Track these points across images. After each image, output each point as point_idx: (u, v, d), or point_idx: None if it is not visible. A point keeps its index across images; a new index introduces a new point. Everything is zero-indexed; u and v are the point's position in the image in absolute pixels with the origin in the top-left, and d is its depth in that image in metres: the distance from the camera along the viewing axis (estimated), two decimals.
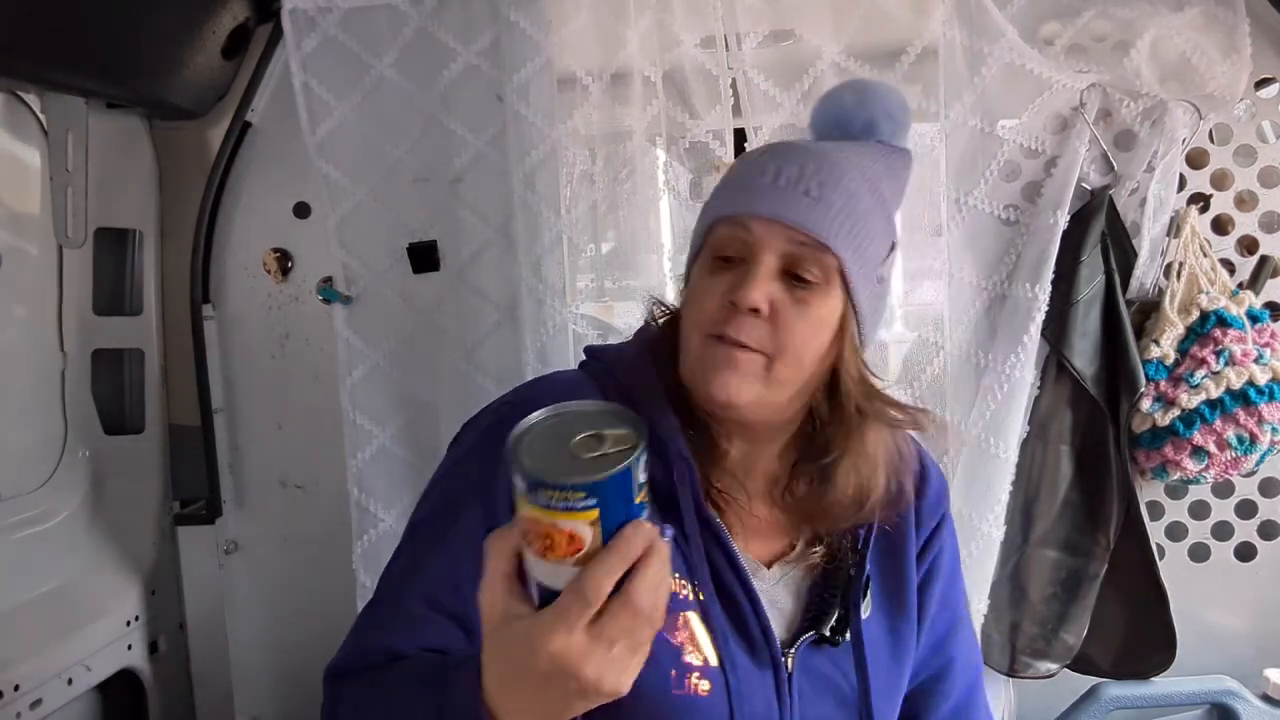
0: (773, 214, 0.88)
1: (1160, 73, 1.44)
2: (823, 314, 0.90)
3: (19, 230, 1.58)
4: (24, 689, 1.36)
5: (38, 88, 1.50)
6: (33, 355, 1.61)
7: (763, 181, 0.89)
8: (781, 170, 0.89)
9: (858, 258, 0.90)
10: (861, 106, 0.97)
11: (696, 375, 0.90)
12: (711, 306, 0.89)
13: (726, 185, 0.94)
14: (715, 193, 0.95)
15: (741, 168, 0.94)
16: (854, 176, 0.91)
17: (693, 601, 0.90)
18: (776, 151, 0.92)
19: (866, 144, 0.97)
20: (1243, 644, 1.60)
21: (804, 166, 0.89)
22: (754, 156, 0.94)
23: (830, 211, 0.88)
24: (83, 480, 1.65)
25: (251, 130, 1.68)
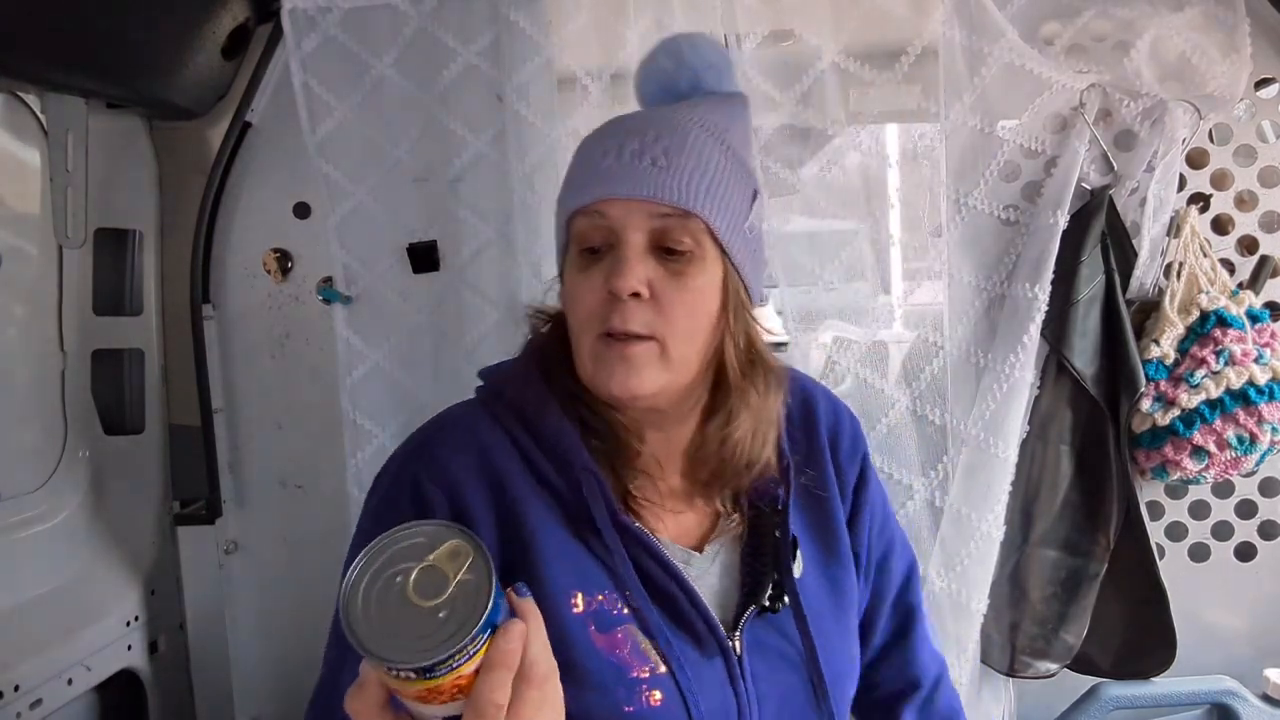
0: (627, 193, 0.86)
1: (1160, 73, 1.44)
2: (703, 282, 0.89)
3: (19, 230, 1.58)
4: (24, 689, 1.36)
5: (38, 88, 1.50)
6: (33, 355, 1.61)
7: (606, 163, 0.87)
8: (624, 146, 0.87)
9: (723, 214, 0.88)
10: (681, 65, 0.97)
11: (595, 376, 0.89)
12: (592, 302, 0.88)
13: (574, 175, 0.92)
14: (565, 184, 0.93)
15: (584, 153, 0.92)
16: (698, 134, 0.89)
17: (627, 614, 0.89)
18: (614, 128, 0.91)
19: (704, 99, 0.95)
20: (1242, 644, 1.60)
21: (644, 137, 0.87)
22: (593, 139, 0.92)
23: (683, 176, 0.86)
24: (83, 480, 1.65)
25: (251, 130, 1.68)
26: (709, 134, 0.90)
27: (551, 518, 0.90)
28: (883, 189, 1.56)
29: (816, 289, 1.56)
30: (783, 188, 1.53)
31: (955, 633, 1.51)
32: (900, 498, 1.53)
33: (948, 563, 1.50)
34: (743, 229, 0.91)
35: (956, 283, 1.53)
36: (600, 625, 0.88)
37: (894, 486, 1.54)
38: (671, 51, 0.98)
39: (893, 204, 1.56)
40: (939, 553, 1.51)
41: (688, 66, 0.96)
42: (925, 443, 1.54)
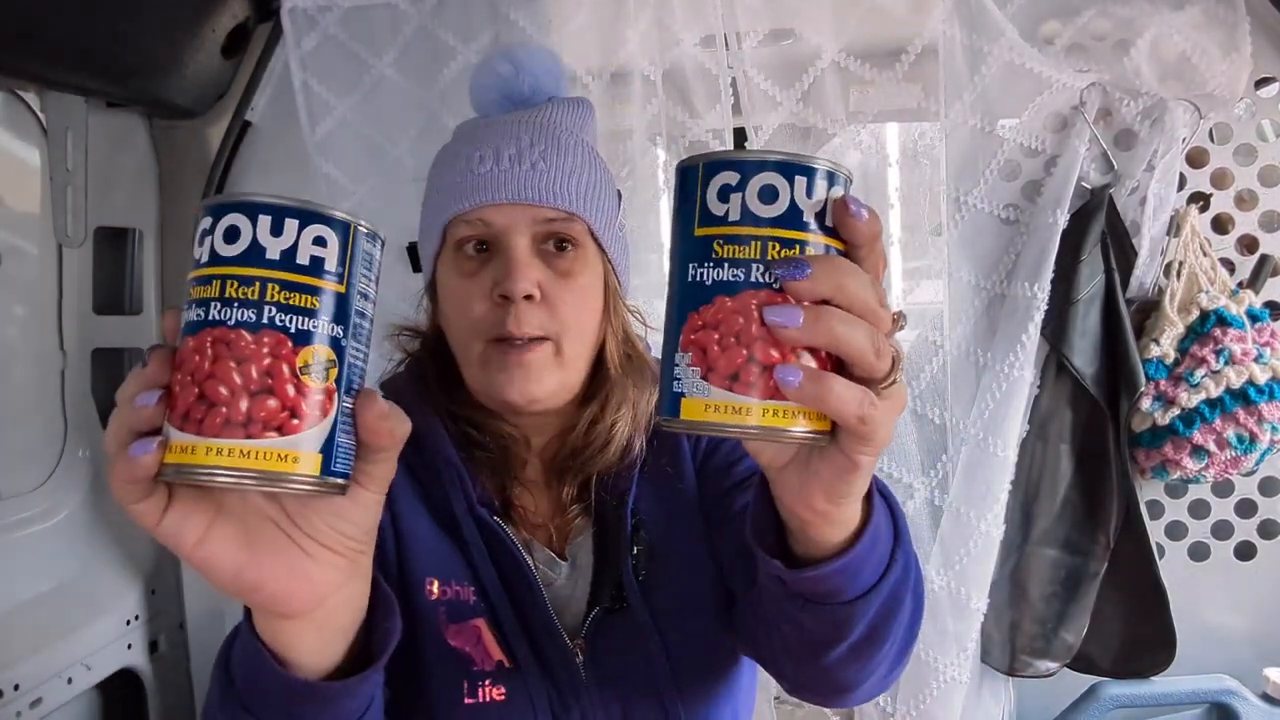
0: (513, 198, 0.86)
1: (1160, 72, 1.44)
2: (588, 280, 0.90)
3: (19, 230, 1.58)
4: (24, 688, 1.36)
5: (38, 87, 1.50)
6: (32, 355, 1.61)
7: (484, 169, 0.87)
8: (501, 151, 0.87)
9: (600, 214, 0.91)
10: (521, 70, 0.96)
11: (489, 384, 0.88)
12: (480, 309, 0.87)
13: (448, 181, 0.90)
14: (437, 188, 0.92)
15: (455, 159, 0.90)
16: (567, 137, 0.90)
17: (480, 607, 0.89)
18: (485, 133, 0.90)
19: (553, 103, 0.96)
20: (1242, 643, 1.60)
21: (520, 141, 0.88)
22: (463, 144, 0.91)
23: (564, 179, 0.88)
24: (83, 480, 1.65)
25: (251, 129, 1.67)
26: (575, 136, 0.92)
27: (417, 506, 0.92)
28: (883, 188, 1.55)
29: None
30: None
31: (955, 632, 1.51)
32: (900, 497, 1.53)
33: (947, 562, 1.50)
34: (615, 227, 0.94)
35: (956, 282, 1.53)
36: (451, 615, 0.89)
37: (894, 486, 1.54)
38: (509, 57, 0.97)
39: (893, 203, 1.56)
40: (939, 552, 1.51)
41: (528, 72, 0.96)
42: (925, 442, 1.54)
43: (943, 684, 1.51)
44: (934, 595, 1.50)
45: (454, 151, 0.92)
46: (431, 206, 0.93)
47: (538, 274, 0.87)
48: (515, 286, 0.84)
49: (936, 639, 1.51)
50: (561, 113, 0.94)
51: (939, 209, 1.54)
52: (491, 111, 0.98)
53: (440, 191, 0.92)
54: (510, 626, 0.89)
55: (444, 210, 0.90)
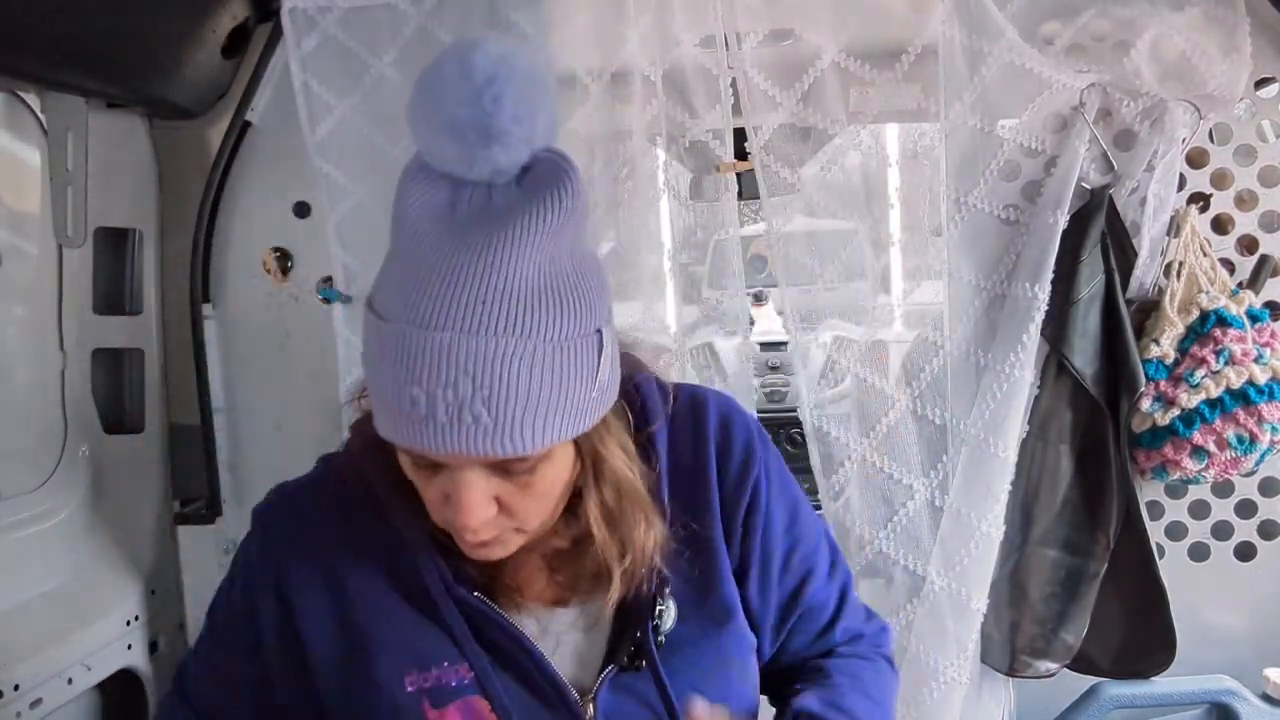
0: (450, 450, 0.72)
1: (1160, 72, 1.44)
2: (553, 473, 0.80)
3: (19, 230, 1.58)
4: (24, 689, 1.36)
5: (38, 87, 1.50)
6: (33, 355, 1.61)
7: (417, 413, 0.71)
8: (434, 396, 0.70)
9: (568, 425, 0.75)
10: (499, 108, 0.71)
11: (449, 538, 0.84)
12: (435, 502, 0.80)
13: (379, 403, 0.75)
14: (371, 393, 0.76)
15: (383, 382, 0.73)
16: (516, 361, 0.71)
17: (469, 683, 0.85)
18: (412, 362, 0.71)
19: (510, 202, 0.74)
20: (1242, 644, 1.60)
21: (457, 388, 0.70)
22: (389, 368, 0.72)
23: (515, 425, 0.72)
24: (83, 480, 1.65)
25: (251, 130, 1.68)
26: (531, 330, 0.71)
27: (387, 596, 0.88)
28: (883, 189, 1.56)
29: (816, 289, 1.56)
30: (783, 187, 1.53)
31: (955, 632, 1.51)
32: (900, 498, 1.53)
33: (948, 562, 1.50)
34: (588, 401, 0.76)
35: (956, 282, 1.53)
36: (435, 700, 0.85)
37: (894, 486, 1.54)
38: (459, 59, 0.72)
39: (893, 204, 1.56)
40: (939, 552, 1.51)
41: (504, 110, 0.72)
42: (925, 442, 1.54)
43: (942, 685, 1.51)
44: (934, 595, 1.50)
45: (384, 375, 0.73)
46: (371, 401, 0.77)
47: (492, 491, 0.77)
48: (467, 526, 0.77)
49: (936, 639, 1.51)
50: (523, 243, 0.71)
51: (939, 209, 1.54)
52: (446, 160, 0.75)
53: (375, 404, 0.76)
54: (503, 698, 0.85)
55: (378, 425, 0.76)
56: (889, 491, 1.54)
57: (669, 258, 1.59)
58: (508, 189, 0.75)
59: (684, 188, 1.65)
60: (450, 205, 0.75)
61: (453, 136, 0.72)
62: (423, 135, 0.75)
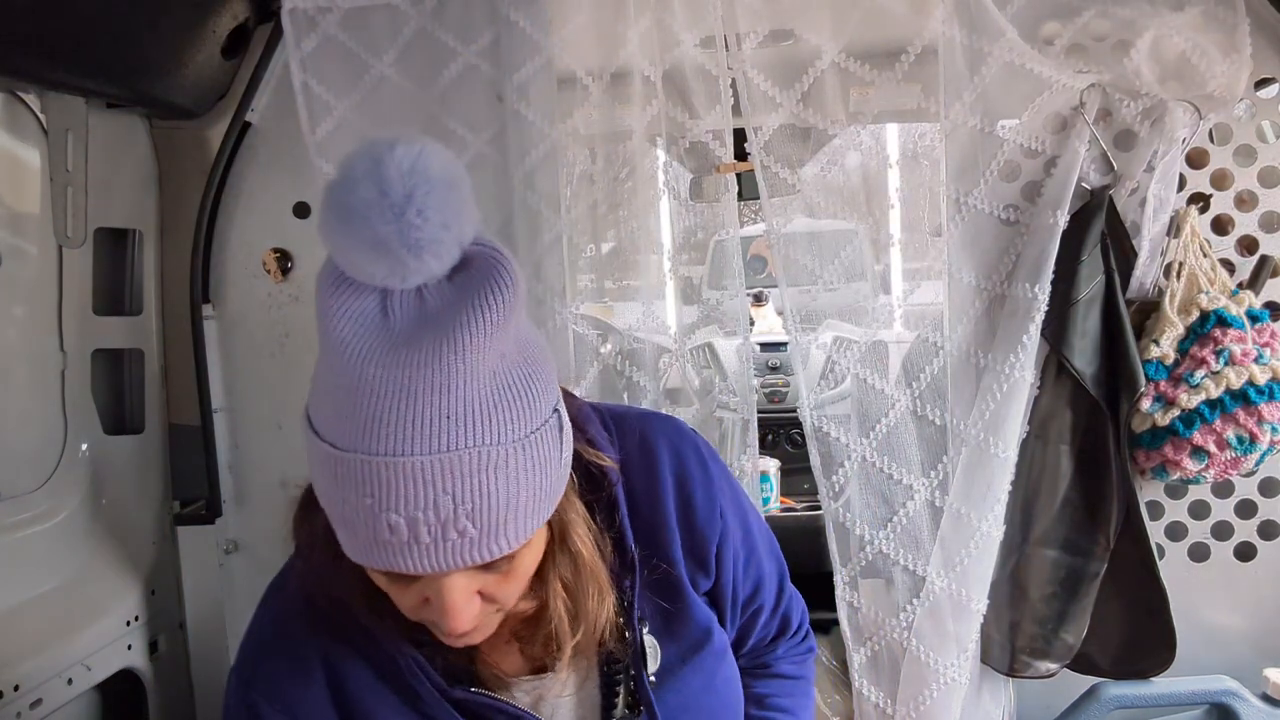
0: (438, 568, 0.71)
1: (1160, 72, 1.44)
2: (531, 556, 0.80)
3: (19, 230, 1.58)
4: (24, 689, 1.36)
5: (38, 88, 1.50)
6: (33, 355, 1.61)
7: (397, 539, 0.69)
8: (417, 520, 0.68)
9: (544, 512, 0.76)
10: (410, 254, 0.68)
11: (427, 632, 0.83)
12: (413, 612, 0.79)
13: (347, 528, 0.72)
14: (336, 522, 0.73)
15: (350, 512, 0.70)
16: (491, 469, 0.70)
17: None
18: (386, 494, 0.68)
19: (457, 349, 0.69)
20: (1243, 644, 1.60)
21: (438, 509, 0.69)
22: (354, 499, 0.69)
23: (497, 530, 0.71)
24: (83, 480, 1.65)
25: (251, 130, 1.68)
26: (498, 435, 0.70)
27: (388, 706, 0.87)
28: (883, 189, 1.56)
29: (816, 289, 1.56)
30: (783, 188, 1.53)
31: (955, 632, 1.51)
32: (900, 498, 1.53)
33: (947, 562, 1.50)
34: (561, 474, 0.78)
35: (956, 283, 1.53)
36: None
37: (894, 486, 1.54)
38: (383, 183, 0.68)
39: (893, 204, 1.56)
40: (939, 552, 1.51)
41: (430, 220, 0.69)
42: (925, 443, 1.54)
43: (943, 685, 1.51)
44: (935, 596, 1.50)
45: (352, 506, 0.70)
46: (334, 507, 0.73)
47: (475, 604, 0.77)
48: (455, 628, 0.76)
49: (937, 639, 1.51)
50: (475, 393, 0.69)
51: (939, 209, 1.54)
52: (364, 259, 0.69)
53: (344, 536, 0.73)
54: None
55: (354, 554, 0.74)
56: (889, 492, 1.54)
57: (669, 258, 1.59)
58: (439, 287, 0.72)
59: (684, 188, 1.65)
60: (381, 314, 0.71)
61: (380, 253, 0.68)
62: (344, 251, 0.70)
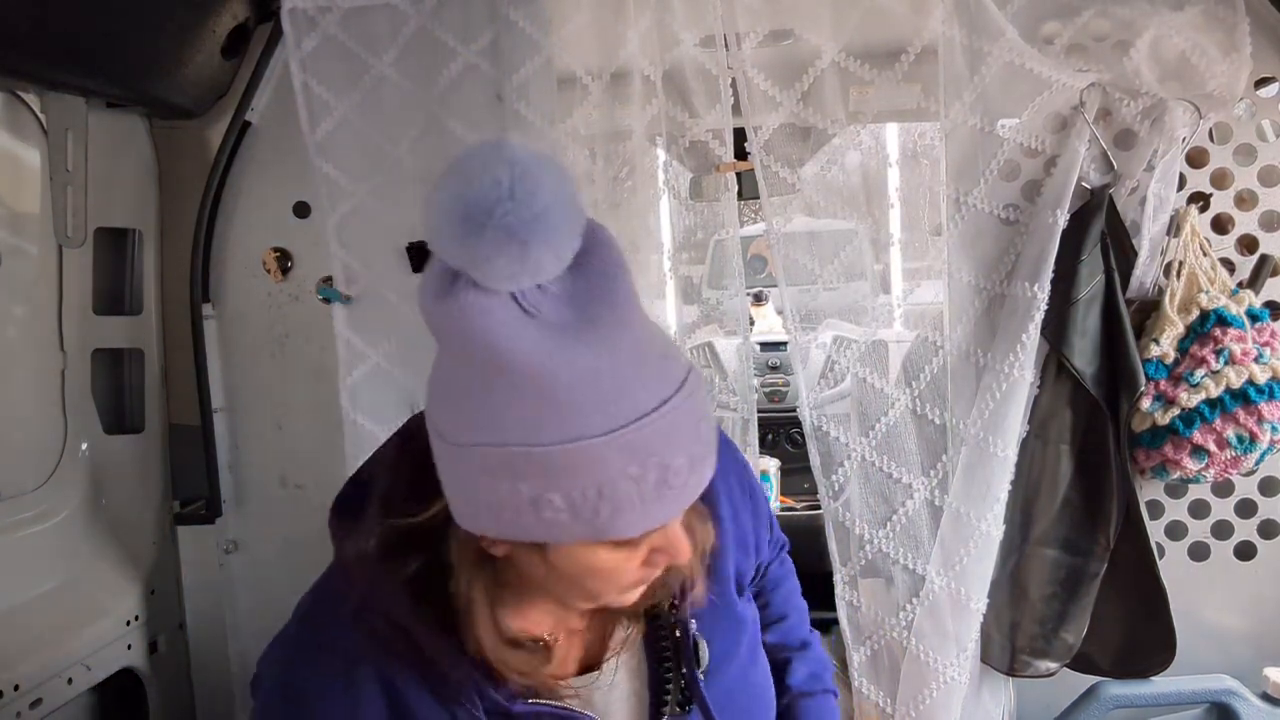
0: (696, 496, 0.76)
1: (1160, 72, 1.44)
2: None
3: (19, 230, 1.58)
4: (24, 688, 1.36)
5: (38, 87, 1.50)
6: (33, 355, 1.61)
7: (677, 482, 0.73)
8: (695, 456, 0.74)
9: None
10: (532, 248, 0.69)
11: (612, 606, 0.85)
12: (632, 574, 0.80)
13: (623, 502, 0.72)
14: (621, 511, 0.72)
15: (629, 484, 0.71)
16: (700, 391, 0.75)
17: None
18: (666, 445, 0.72)
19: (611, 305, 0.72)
20: (1242, 643, 1.60)
21: (700, 435, 0.74)
22: (635, 466, 0.71)
23: (711, 452, 0.77)
24: (83, 480, 1.65)
25: (251, 130, 1.68)
26: (686, 362, 0.76)
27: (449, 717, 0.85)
28: (883, 189, 1.56)
29: (816, 288, 1.56)
30: (783, 187, 1.53)
31: (955, 632, 1.51)
32: (900, 497, 1.53)
33: (947, 562, 1.50)
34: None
35: (956, 282, 1.53)
36: None
37: (894, 486, 1.54)
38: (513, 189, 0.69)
39: (893, 204, 1.56)
40: (939, 552, 1.51)
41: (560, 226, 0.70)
42: (925, 442, 1.54)
43: (942, 684, 1.51)
44: (934, 595, 1.50)
45: (619, 463, 0.71)
46: (591, 522, 0.72)
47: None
48: (682, 560, 0.80)
49: (937, 639, 1.51)
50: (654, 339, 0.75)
51: (939, 209, 1.54)
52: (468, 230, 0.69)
53: (616, 511, 0.72)
54: None
55: (626, 528, 0.73)
56: (889, 491, 1.54)
57: (669, 257, 1.59)
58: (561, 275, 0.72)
59: (684, 188, 1.65)
60: (522, 314, 0.70)
61: (520, 259, 0.68)
62: (485, 264, 0.69)
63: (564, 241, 0.70)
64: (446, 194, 0.70)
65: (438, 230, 0.70)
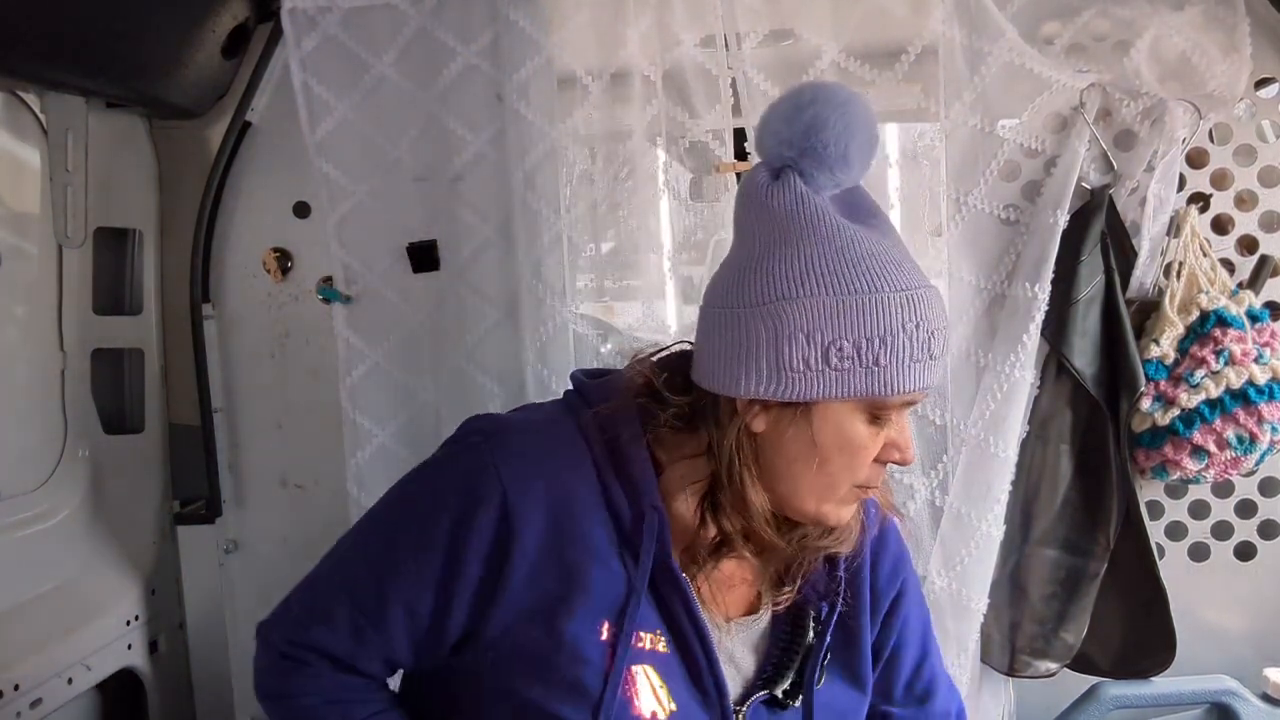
0: (939, 380, 0.95)
1: (1160, 72, 1.44)
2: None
3: (19, 230, 1.58)
4: (24, 688, 1.36)
5: (38, 87, 1.50)
6: (33, 355, 1.61)
7: (934, 351, 0.88)
8: (935, 334, 0.88)
9: None
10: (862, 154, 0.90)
11: (833, 517, 0.92)
12: (869, 461, 0.90)
13: (898, 351, 0.86)
14: (896, 362, 0.86)
15: (908, 335, 0.86)
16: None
17: (649, 653, 0.91)
18: (929, 315, 0.88)
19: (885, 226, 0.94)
20: (1242, 644, 1.60)
21: (942, 319, 0.90)
22: (910, 312, 0.86)
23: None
24: (83, 480, 1.65)
25: (251, 130, 1.68)
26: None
27: (605, 543, 0.91)
28: (883, 189, 1.55)
29: None
30: None
31: (955, 632, 1.51)
32: (900, 497, 1.53)
33: (948, 562, 1.50)
34: None
35: (956, 282, 1.53)
36: (620, 656, 0.90)
37: (894, 486, 1.54)
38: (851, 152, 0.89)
39: (893, 204, 1.56)
40: (939, 552, 1.51)
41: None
42: (925, 442, 1.54)
43: None
44: (935, 595, 1.50)
45: (910, 328, 0.86)
46: (885, 375, 0.86)
47: None
48: (910, 458, 0.92)
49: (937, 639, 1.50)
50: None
51: (939, 209, 1.54)
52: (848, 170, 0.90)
53: (893, 362, 0.86)
54: (675, 677, 0.92)
55: (896, 383, 0.86)
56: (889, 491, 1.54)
57: (669, 257, 1.59)
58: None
59: (684, 188, 1.65)
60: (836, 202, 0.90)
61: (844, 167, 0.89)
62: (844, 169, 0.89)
63: (867, 160, 0.90)
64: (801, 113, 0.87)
65: (781, 137, 0.88)
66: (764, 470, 0.91)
